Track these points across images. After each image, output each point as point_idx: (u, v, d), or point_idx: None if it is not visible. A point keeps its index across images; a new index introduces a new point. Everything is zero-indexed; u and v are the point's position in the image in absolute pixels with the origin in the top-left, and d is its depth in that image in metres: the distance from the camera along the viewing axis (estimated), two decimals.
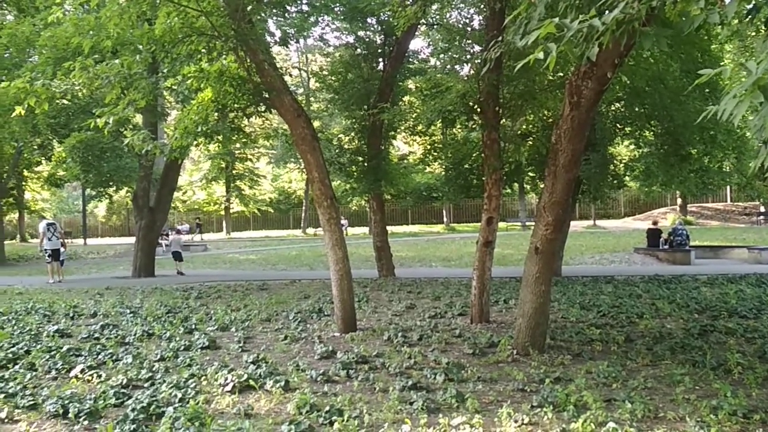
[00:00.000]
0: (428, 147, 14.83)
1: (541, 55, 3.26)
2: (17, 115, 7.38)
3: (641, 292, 10.78)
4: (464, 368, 5.80)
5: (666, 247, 17.70)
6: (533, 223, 6.65)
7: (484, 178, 8.68)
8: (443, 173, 16.05)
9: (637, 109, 12.70)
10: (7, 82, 7.44)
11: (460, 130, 12.89)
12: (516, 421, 4.33)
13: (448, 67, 12.63)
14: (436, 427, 4.23)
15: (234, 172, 45.39)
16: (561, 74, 9.53)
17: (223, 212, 48.58)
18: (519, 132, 11.85)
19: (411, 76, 15.14)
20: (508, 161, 10.80)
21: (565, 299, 10.07)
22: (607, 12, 3.31)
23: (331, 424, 4.31)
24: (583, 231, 32.30)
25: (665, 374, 5.60)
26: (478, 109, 8.66)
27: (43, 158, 27.85)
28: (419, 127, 13.71)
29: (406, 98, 15.12)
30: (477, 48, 10.66)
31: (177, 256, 18.30)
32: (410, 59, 15.30)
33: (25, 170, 38.53)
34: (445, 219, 43.47)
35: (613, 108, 13.63)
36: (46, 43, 12.24)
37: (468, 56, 11.81)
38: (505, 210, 38.65)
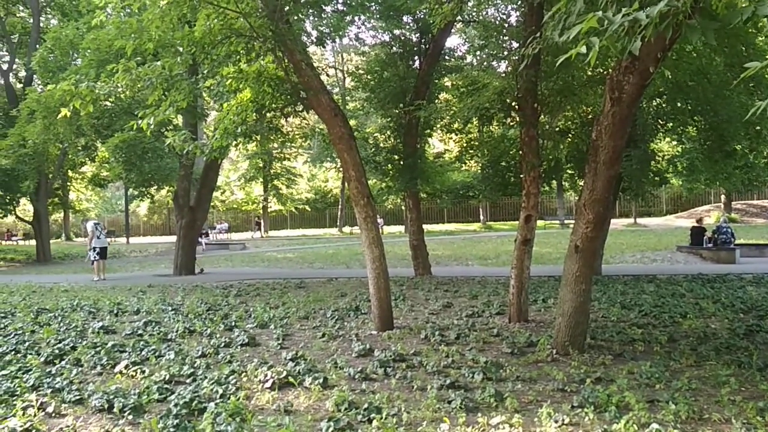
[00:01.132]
0: (464, 145, 14.75)
1: (583, 50, 3.21)
2: (63, 116, 7.60)
3: (684, 292, 10.54)
4: (503, 367, 5.75)
5: (710, 245, 17.25)
6: (572, 222, 6.57)
7: (522, 176, 8.59)
8: (480, 171, 15.92)
9: (679, 104, 12.41)
10: (53, 84, 7.67)
11: (497, 128, 12.77)
12: (556, 422, 4.28)
13: (485, 64, 12.55)
14: (475, 426, 4.21)
15: (271, 171, 45.92)
16: (600, 69, 9.36)
17: (261, 211, 49.20)
18: (558, 129, 11.68)
19: (447, 73, 15.08)
20: (547, 158, 10.67)
21: (606, 298, 9.90)
22: (650, 5, 3.24)
23: (370, 421, 4.33)
24: (623, 229, 31.70)
25: (710, 375, 5.46)
26: (516, 106, 8.58)
27: (87, 159, 28.59)
28: (455, 125, 13.63)
29: (442, 96, 15.07)
30: (514, 44, 10.56)
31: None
32: (446, 57, 15.24)
33: (69, 171, 39.66)
34: (481, 217, 43.18)
35: (654, 103, 13.35)
36: (90, 46, 12.64)
37: (505, 53, 11.72)
38: (543, 208, 38.19)
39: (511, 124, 10.92)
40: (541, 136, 8.77)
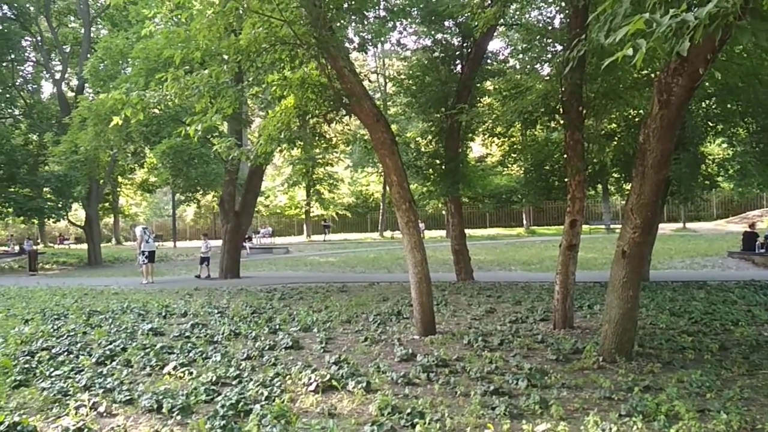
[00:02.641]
0: (507, 148, 14.62)
1: (630, 52, 3.15)
2: (115, 125, 7.84)
3: (736, 298, 10.21)
4: (547, 374, 5.68)
5: (763, 250, 16.67)
6: (617, 226, 6.45)
7: (566, 180, 8.48)
8: (523, 175, 15.75)
9: (730, 105, 12.05)
10: (104, 93, 7.93)
11: (540, 131, 12.62)
12: (603, 430, 4.20)
13: (528, 67, 12.42)
14: None
15: (314, 176, 46.35)
16: (647, 71, 9.18)
17: (303, 216, 49.69)
18: (603, 132, 11.49)
19: (489, 77, 14.98)
20: (592, 162, 10.50)
21: (654, 305, 9.67)
22: (698, 6, 3.17)
23: (413, 426, 4.33)
24: (672, 234, 30.89)
25: (763, 384, 5.29)
26: (561, 109, 8.48)
27: (136, 165, 29.35)
28: (498, 129, 13.51)
29: (484, 100, 14.97)
30: (558, 47, 10.44)
31: (205, 261, 18.92)
32: (489, 60, 15.15)
33: (119, 177, 40.83)
34: (524, 222, 42.67)
35: (704, 105, 12.99)
36: (139, 56, 13.00)
37: (549, 56, 11.59)
38: (588, 212, 37.56)
39: (556, 127, 10.78)
40: (587, 139, 8.64)
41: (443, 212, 39.86)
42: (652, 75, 8.48)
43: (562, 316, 8.04)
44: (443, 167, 14.15)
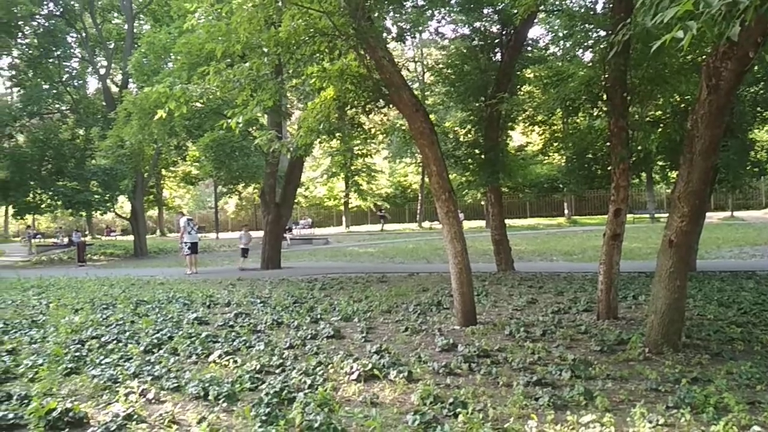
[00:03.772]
0: (548, 137, 14.41)
1: (679, 34, 3.06)
2: (159, 118, 8.01)
3: None
4: (592, 365, 5.60)
5: None
6: (662, 215, 6.30)
7: (610, 168, 8.31)
8: (564, 164, 15.51)
9: None
10: (148, 87, 8.09)
11: (582, 119, 12.39)
12: (650, 422, 4.13)
13: (570, 53, 12.20)
14: (564, 425, 4.12)
15: (352, 167, 46.53)
16: (693, 56, 8.90)
17: (342, 207, 49.98)
18: (648, 118, 11.20)
19: (530, 64, 14.77)
20: (637, 150, 10.26)
21: (701, 295, 9.44)
22: None
23: (455, 416, 4.33)
24: (719, 223, 30.04)
25: None
26: (604, 96, 8.31)
27: (179, 158, 29.94)
28: (539, 117, 13.35)
29: (524, 88, 14.77)
30: (601, 33, 10.21)
31: (244, 253, 19.10)
32: (529, 48, 14.92)
33: (163, 169, 41.69)
34: (566, 211, 42.03)
35: (752, 90, 12.56)
36: (181, 50, 13.21)
37: (591, 42, 11.35)
38: (632, 201, 36.78)
39: (599, 114, 10.58)
40: (631, 126, 8.45)
41: (482, 202, 39.57)
42: (700, 59, 8.22)
43: (606, 306, 7.91)
44: (482, 157, 14.03)
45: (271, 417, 4.35)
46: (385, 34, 12.56)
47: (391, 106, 8.99)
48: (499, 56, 14.28)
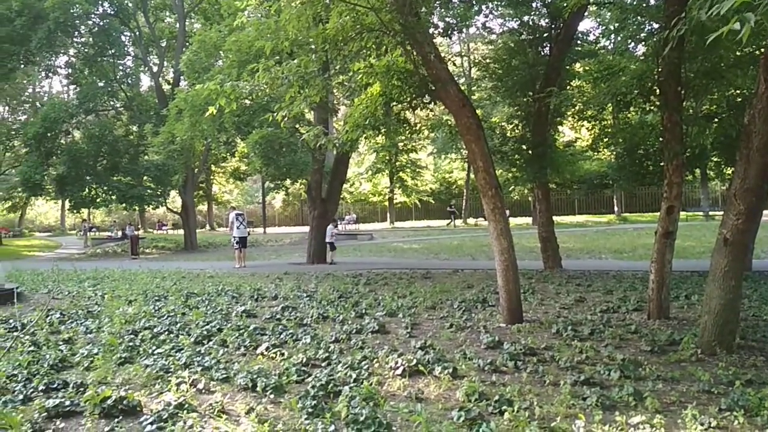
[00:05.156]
0: (598, 132, 14.12)
1: (737, 26, 2.96)
2: (210, 114, 8.18)
3: None
4: (642, 366, 5.47)
5: None
6: (716, 213, 6.10)
7: (662, 164, 8.09)
8: (615, 160, 15.16)
9: None
10: (200, 84, 8.26)
11: (634, 114, 12.10)
12: (702, 424, 4.02)
13: (622, 47, 11.92)
14: (613, 425, 4.04)
15: (397, 163, 46.57)
16: (751, 49, 8.59)
17: (386, 203, 50.09)
18: (703, 113, 10.87)
19: (580, 59, 14.49)
20: (691, 145, 9.97)
21: (757, 296, 9.11)
22: None
23: (501, 413, 4.30)
24: None
25: None
26: (657, 90, 8.09)
27: (228, 154, 30.51)
28: (589, 112, 13.08)
29: (574, 82, 14.50)
30: (654, 25, 9.95)
31: (331, 246, 19.23)
32: (579, 42, 14.64)
33: (213, 165, 42.55)
34: (615, 208, 41.12)
35: None
36: (231, 48, 13.44)
37: (643, 35, 11.07)
38: (685, 198, 35.72)
39: (651, 109, 10.31)
40: (685, 121, 8.21)
41: (529, 198, 39.09)
42: (758, 52, 7.93)
43: (657, 306, 7.71)
44: (530, 152, 13.84)
45: (317, 410, 4.40)
46: (431, 30, 12.52)
47: (437, 101, 8.96)
48: (547, 50, 14.05)
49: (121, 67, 32.07)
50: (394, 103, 9.40)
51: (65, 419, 4.49)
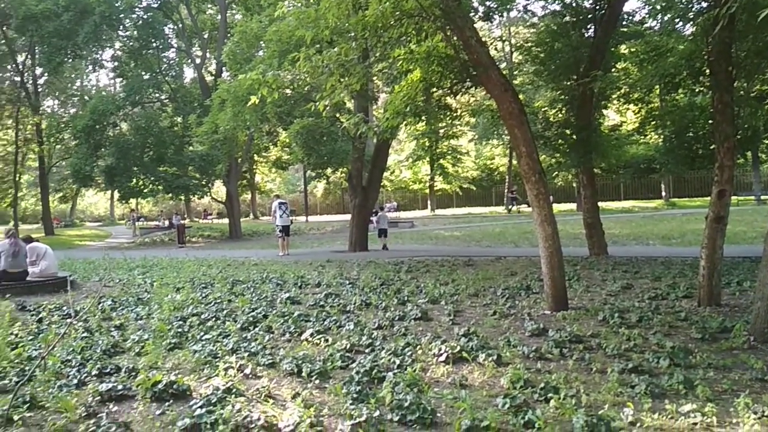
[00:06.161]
0: (645, 115, 13.75)
1: None
2: (252, 104, 8.26)
3: None
4: (692, 353, 5.34)
5: None
6: None
7: (713, 147, 7.85)
8: (662, 143, 14.75)
9: None
10: (243, 74, 8.35)
11: (683, 95, 11.72)
12: (755, 413, 3.89)
13: (669, 27, 11.54)
14: (662, 413, 3.96)
15: (437, 150, 46.33)
16: None
17: (427, 190, 49.94)
18: (755, 94, 10.47)
19: (625, 40, 14.10)
20: (743, 127, 9.63)
21: None
22: None
23: (547, 401, 4.25)
24: None
25: None
26: (707, 71, 7.83)
27: (270, 143, 30.88)
28: (635, 95, 12.74)
29: (619, 64, 14.14)
30: (703, 3, 9.60)
31: (383, 233, 19.29)
32: (624, 22, 14.23)
33: (255, 155, 43.10)
34: (663, 193, 40.08)
35: None
36: (272, 38, 13.53)
37: (692, 14, 10.69)
38: (736, 183, 34.59)
39: (701, 90, 9.99)
40: (737, 102, 7.93)
41: (573, 184, 38.41)
42: None
43: (707, 292, 7.51)
44: (574, 137, 13.58)
45: (361, 395, 4.44)
46: (472, 14, 12.36)
47: (478, 86, 8.86)
48: (592, 32, 13.71)
49: (165, 60, 32.68)
50: (435, 89, 9.34)
51: (118, 403, 4.62)
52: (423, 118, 11.48)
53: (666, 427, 3.81)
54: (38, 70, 38.08)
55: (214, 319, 7.70)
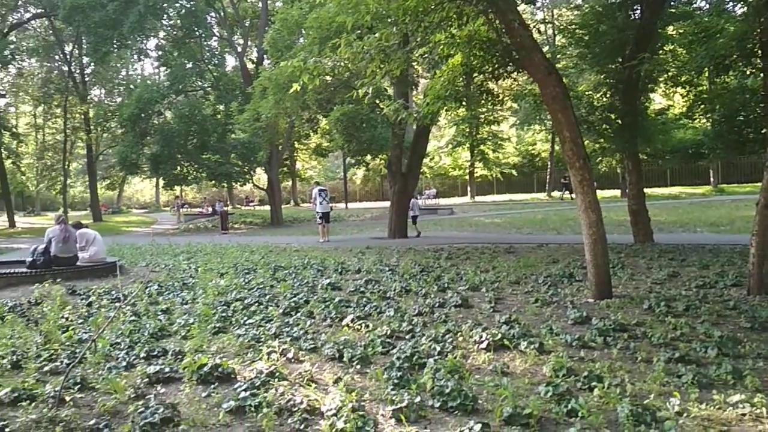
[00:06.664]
0: (693, 98, 13.35)
1: None
2: (293, 92, 8.30)
3: None
4: (741, 343, 5.19)
5: None
6: None
7: (764, 131, 7.58)
8: (711, 127, 14.31)
9: None
10: (284, 61, 8.39)
11: (733, 77, 11.34)
12: None
13: (719, 7, 11.17)
14: (710, 404, 3.87)
15: (478, 136, 45.88)
16: None
17: (467, 177, 49.58)
18: None
19: (673, 21, 13.67)
20: None
21: None
22: None
23: (591, 389, 4.20)
24: None
25: None
26: (759, 52, 7.55)
27: (311, 131, 31.08)
28: (683, 78, 12.38)
29: (666, 47, 13.73)
30: None
31: (414, 219, 19.26)
32: (672, 3, 13.78)
33: (296, 142, 43.46)
34: (711, 179, 38.90)
35: None
36: (312, 24, 13.56)
37: None
38: None
39: (752, 72, 9.65)
40: None
41: (618, 170, 37.61)
42: None
43: (758, 281, 7.28)
44: (619, 122, 13.28)
45: (402, 381, 4.45)
46: None
47: (521, 70, 8.73)
48: (638, 13, 13.33)
49: (207, 48, 33.14)
50: (476, 74, 9.23)
51: (165, 384, 4.74)
52: (463, 103, 11.37)
53: (714, 418, 3.72)
54: (85, 60, 39.11)
55: (256, 304, 7.82)
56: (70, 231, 11.22)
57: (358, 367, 4.97)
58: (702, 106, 12.88)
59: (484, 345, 5.40)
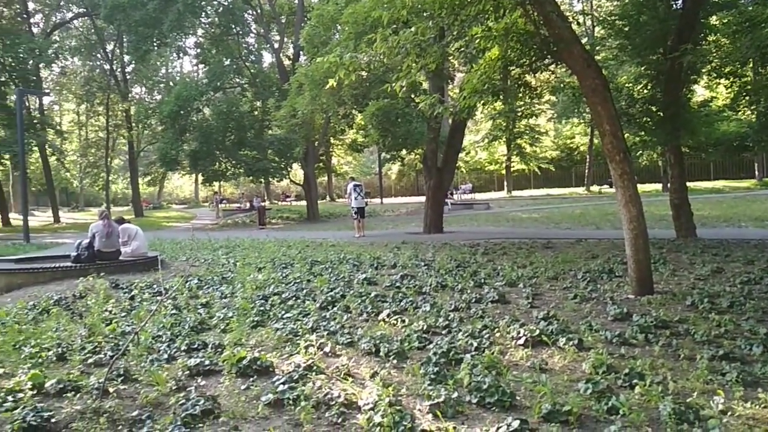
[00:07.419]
0: (738, 90, 12.96)
1: None
2: (329, 87, 8.35)
3: None
4: None
5: None
6: None
7: None
8: (756, 119, 13.89)
9: None
10: (321, 57, 8.43)
11: None
12: None
13: None
14: (755, 402, 3.76)
15: (515, 130, 45.38)
16: None
17: (503, 171, 49.11)
18: None
19: (716, 11, 13.28)
20: None
21: None
22: None
23: (632, 387, 4.12)
24: None
25: None
26: None
27: (346, 126, 31.20)
28: (727, 69, 12.02)
29: (710, 37, 13.36)
30: None
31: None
32: None
33: (331, 138, 43.69)
34: (757, 173, 37.77)
35: None
36: (348, 20, 13.60)
37: None
38: None
39: None
40: None
41: (659, 164, 36.79)
42: None
43: None
44: (660, 114, 12.97)
45: (439, 376, 4.45)
46: None
47: (559, 63, 8.59)
48: (680, 3, 12.99)
49: (245, 45, 33.50)
50: (513, 67, 9.11)
51: (205, 377, 4.83)
52: (500, 96, 11.26)
53: (759, 417, 3.62)
54: (126, 58, 39.93)
55: (294, 298, 7.89)
56: (113, 226, 11.50)
57: (395, 361, 4.98)
58: (746, 98, 12.51)
59: (521, 341, 5.35)
